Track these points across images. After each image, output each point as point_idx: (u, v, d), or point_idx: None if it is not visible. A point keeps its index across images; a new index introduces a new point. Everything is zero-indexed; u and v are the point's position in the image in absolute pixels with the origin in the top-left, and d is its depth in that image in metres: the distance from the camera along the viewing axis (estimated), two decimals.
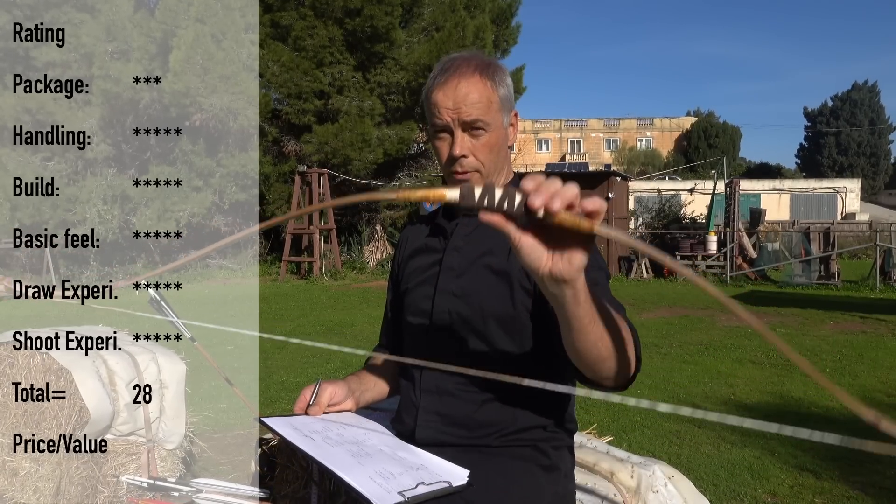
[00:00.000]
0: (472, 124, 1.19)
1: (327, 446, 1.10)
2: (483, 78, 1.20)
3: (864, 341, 7.54)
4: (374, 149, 17.06)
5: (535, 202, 0.68)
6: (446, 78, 1.20)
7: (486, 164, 1.22)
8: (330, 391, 1.29)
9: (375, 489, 0.97)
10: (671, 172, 37.43)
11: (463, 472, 1.11)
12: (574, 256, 0.74)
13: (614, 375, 0.98)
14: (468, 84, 1.19)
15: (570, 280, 0.76)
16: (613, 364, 0.96)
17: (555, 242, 0.74)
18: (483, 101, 1.19)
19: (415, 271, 1.33)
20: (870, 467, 3.80)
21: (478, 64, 1.22)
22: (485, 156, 1.21)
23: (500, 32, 20.28)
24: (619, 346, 0.95)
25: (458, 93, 1.18)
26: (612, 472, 2.15)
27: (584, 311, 0.84)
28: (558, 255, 0.74)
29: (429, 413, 1.23)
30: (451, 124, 1.20)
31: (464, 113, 1.18)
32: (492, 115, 1.20)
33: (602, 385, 1.01)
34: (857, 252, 18.38)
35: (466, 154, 1.20)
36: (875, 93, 52.42)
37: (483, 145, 1.20)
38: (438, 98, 1.20)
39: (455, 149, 1.20)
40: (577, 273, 0.76)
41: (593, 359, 0.94)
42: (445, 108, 1.19)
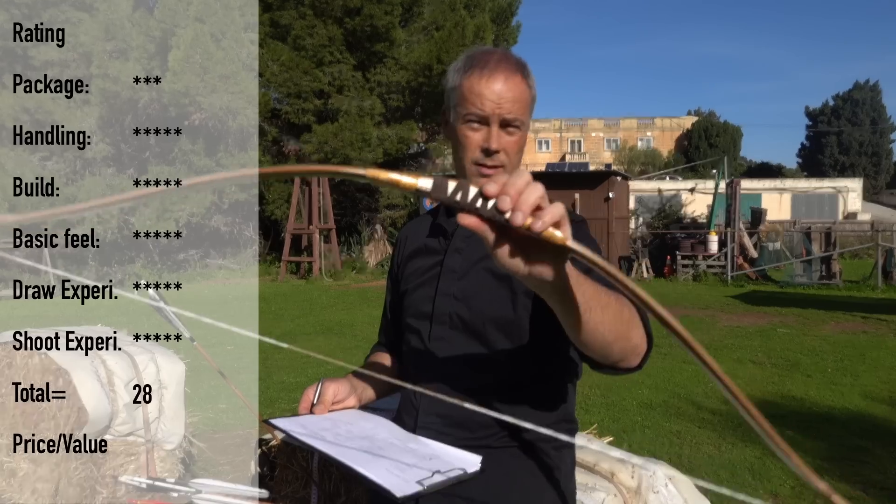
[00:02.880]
0: (511, 122, 1.19)
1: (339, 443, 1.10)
2: (524, 77, 1.21)
3: (865, 341, 7.53)
4: (374, 148, 17.05)
5: (504, 205, 0.66)
6: (491, 70, 1.19)
7: (513, 162, 1.23)
8: (333, 389, 1.29)
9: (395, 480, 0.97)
10: (672, 172, 37.42)
11: (475, 459, 1.11)
12: (548, 260, 0.73)
13: (627, 356, 0.98)
14: (513, 81, 1.19)
15: (551, 280, 0.75)
16: (622, 345, 0.96)
17: (531, 245, 0.72)
18: (523, 100, 1.20)
19: (415, 272, 1.32)
20: (871, 468, 3.79)
21: (517, 62, 1.23)
22: (514, 154, 1.22)
23: (500, 32, 20.27)
24: (622, 327, 0.94)
25: (505, 87, 1.18)
26: (613, 473, 2.14)
27: (576, 302, 0.83)
28: (535, 258, 0.73)
29: (428, 414, 1.23)
30: (490, 117, 1.19)
31: (506, 109, 1.18)
32: (526, 116, 1.22)
33: (618, 368, 1.01)
34: (859, 252, 18.37)
35: (499, 150, 1.20)
36: (877, 92, 52.38)
37: (514, 143, 1.21)
38: (481, 87, 1.18)
39: (492, 142, 1.19)
40: (557, 273, 0.75)
41: (599, 344, 0.93)
42: (490, 99, 1.18)
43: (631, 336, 0.97)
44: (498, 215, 0.67)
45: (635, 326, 0.98)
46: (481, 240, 1.21)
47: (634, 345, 0.98)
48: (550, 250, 0.71)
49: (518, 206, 0.66)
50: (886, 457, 3.96)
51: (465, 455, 1.13)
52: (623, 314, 0.94)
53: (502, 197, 0.67)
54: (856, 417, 4.78)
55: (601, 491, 2.02)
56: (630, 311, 0.97)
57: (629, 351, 0.98)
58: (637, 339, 0.98)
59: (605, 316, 0.90)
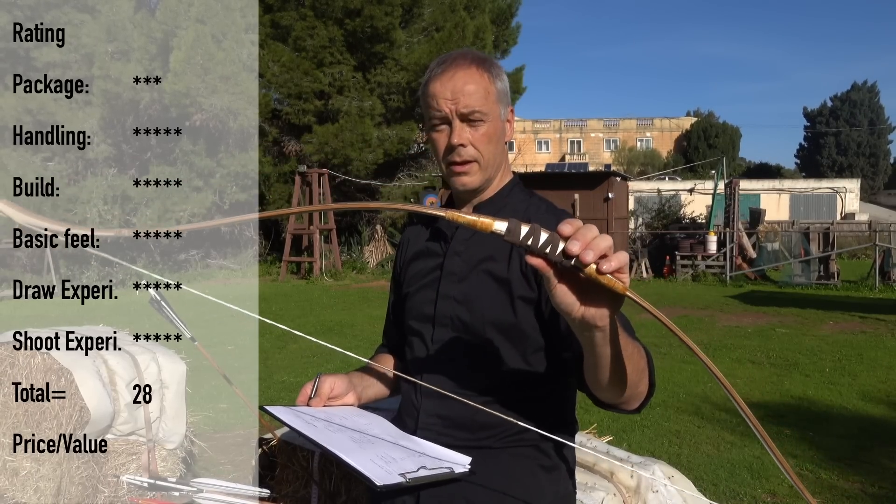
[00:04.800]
0: (469, 115, 1.19)
1: (329, 432, 1.11)
2: (480, 69, 1.20)
3: (863, 341, 7.54)
4: (375, 149, 17.06)
5: (573, 249, 0.72)
6: (443, 69, 1.20)
7: (485, 154, 1.21)
8: (330, 383, 1.30)
9: (378, 471, 0.98)
10: (671, 172, 37.41)
11: (465, 459, 1.13)
12: (605, 305, 0.78)
13: (631, 401, 1.04)
14: (466, 74, 1.19)
15: (601, 326, 0.81)
16: (631, 392, 1.01)
17: (587, 290, 0.77)
18: (481, 90, 1.19)
19: (416, 275, 1.33)
20: (869, 468, 3.80)
21: (474, 57, 1.23)
22: (483, 146, 1.21)
23: (500, 32, 20.28)
24: (636, 377, 0.99)
25: (456, 83, 1.18)
26: (612, 472, 2.15)
27: (611, 350, 0.89)
28: (590, 302, 0.78)
29: (430, 415, 1.23)
30: (449, 115, 1.19)
31: (462, 103, 1.18)
32: (490, 106, 1.20)
33: (618, 408, 1.07)
34: (857, 252, 18.38)
35: (465, 143, 1.20)
36: (874, 93, 52.40)
37: (482, 135, 1.20)
38: (436, 89, 1.20)
39: (453, 138, 1.19)
40: (607, 320, 0.80)
41: (614, 391, 0.99)
42: (444, 98, 1.19)
43: (640, 385, 1.02)
44: (564, 260, 0.73)
45: (645, 376, 1.03)
46: (481, 243, 1.23)
47: (640, 392, 1.03)
48: (608, 296, 0.77)
49: (589, 248, 0.72)
50: (885, 456, 3.97)
51: (455, 455, 1.13)
52: (640, 365, 1.00)
53: (573, 241, 0.73)
54: (854, 417, 4.79)
55: (601, 490, 2.03)
56: (644, 362, 1.02)
57: (635, 397, 1.03)
58: (643, 388, 1.04)
59: (628, 366, 0.95)
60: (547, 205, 1.28)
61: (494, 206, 1.26)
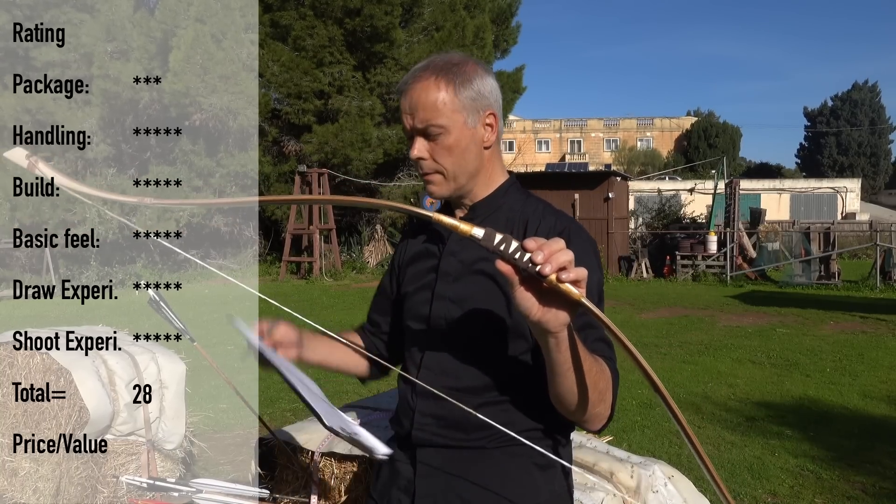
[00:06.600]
0: (425, 129, 1.20)
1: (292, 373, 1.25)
2: (438, 80, 1.19)
3: (864, 341, 7.54)
4: (374, 149, 17.05)
5: (537, 258, 0.81)
6: (404, 87, 1.23)
7: (448, 167, 1.22)
8: (284, 331, 1.33)
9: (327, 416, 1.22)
10: (671, 172, 37.43)
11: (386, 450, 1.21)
12: (560, 313, 0.87)
13: (588, 422, 1.08)
14: (421, 87, 1.19)
15: (554, 332, 0.89)
16: (585, 411, 1.04)
17: (547, 297, 0.86)
18: (436, 104, 1.19)
19: (414, 277, 1.33)
20: (870, 468, 3.80)
21: (438, 66, 1.21)
22: (444, 158, 1.21)
23: (500, 32, 20.28)
24: (594, 396, 1.02)
25: (412, 97, 1.20)
26: (612, 472, 2.15)
27: (564, 357, 0.94)
28: (547, 308, 0.86)
29: (425, 416, 1.24)
30: (409, 129, 1.23)
31: (418, 119, 1.20)
32: (447, 117, 1.19)
33: (578, 423, 1.11)
34: (858, 252, 18.38)
35: (424, 157, 1.22)
36: (875, 93, 52.42)
37: (442, 148, 1.21)
38: (401, 103, 1.24)
39: (412, 151, 1.23)
40: (561, 327, 0.89)
41: (566, 404, 1.04)
42: (405, 113, 1.22)
43: (599, 406, 1.05)
44: (531, 267, 0.83)
45: (603, 400, 1.06)
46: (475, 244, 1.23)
47: (597, 413, 1.06)
48: (565, 302, 0.86)
49: (549, 261, 0.82)
50: (886, 456, 3.96)
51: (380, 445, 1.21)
52: (600, 385, 1.03)
53: (538, 252, 0.82)
54: (854, 417, 4.79)
55: (600, 491, 2.03)
56: (606, 385, 1.05)
57: (592, 417, 1.07)
58: (601, 410, 1.07)
59: (587, 381, 0.99)
60: (545, 205, 1.29)
61: (490, 206, 1.27)
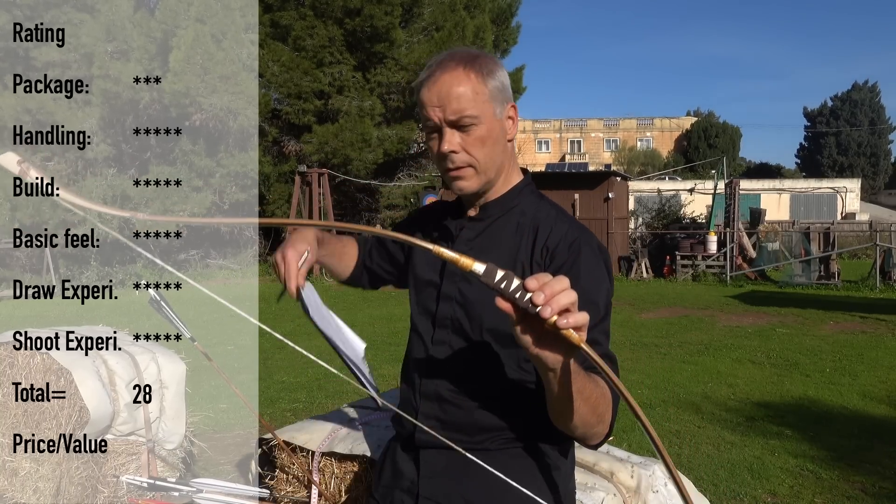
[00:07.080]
0: (458, 121, 1.15)
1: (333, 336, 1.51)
2: (467, 70, 1.16)
3: (863, 341, 7.54)
4: (375, 149, 17.05)
5: (538, 300, 0.78)
6: (429, 74, 1.17)
7: (481, 159, 1.18)
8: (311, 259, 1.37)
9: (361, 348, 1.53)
10: (671, 172, 37.42)
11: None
12: (559, 353, 0.85)
13: (585, 439, 1.08)
14: (451, 78, 1.15)
15: (552, 368, 0.87)
16: (583, 431, 1.05)
17: (546, 337, 0.83)
18: (469, 93, 1.15)
19: (422, 272, 1.32)
20: (870, 468, 3.80)
21: (462, 57, 1.18)
22: (477, 150, 1.17)
23: (500, 32, 20.28)
24: (592, 419, 1.02)
25: (442, 88, 1.15)
26: (612, 472, 2.15)
27: (562, 387, 0.93)
28: (546, 345, 0.84)
29: (428, 418, 1.24)
30: (438, 123, 1.16)
31: (449, 109, 1.14)
32: (480, 107, 1.16)
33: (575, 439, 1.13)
34: (857, 252, 18.38)
35: (456, 150, 1.16)
36: (875, 93, 52.40)
37: (475, 139, 1.16)
38: (424, 96, 1.17)
39: (443, 146, 1.16)
40: (559, 365, 0.86)
41: (565, 425, 1.04)
42: (431, 106, 1.16)
43: (597, 426, 1.05)
44: (531, 308, 0.79)
45: (602, 421, 1.05)
46: (484, 246, 1.24)
47: (596, 432, 1.06)
48: (565, 346, 0.83)
49: (550, 304, 0.78)
50: (885, 456, 3.96)
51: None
52: (599, 409, 1.02)
53: (538, 293, 0.78)
54: (854, 417, 4.79)
55: (601, 490, 2.03)
56: (605, 407, 1.03)
57: (590, 436, 1.07)
58: (599, 430, 1.06)
59: (584, 407, 0.98)
60: (558, 210, 1.26)
61: (502, 206, 1.25)
